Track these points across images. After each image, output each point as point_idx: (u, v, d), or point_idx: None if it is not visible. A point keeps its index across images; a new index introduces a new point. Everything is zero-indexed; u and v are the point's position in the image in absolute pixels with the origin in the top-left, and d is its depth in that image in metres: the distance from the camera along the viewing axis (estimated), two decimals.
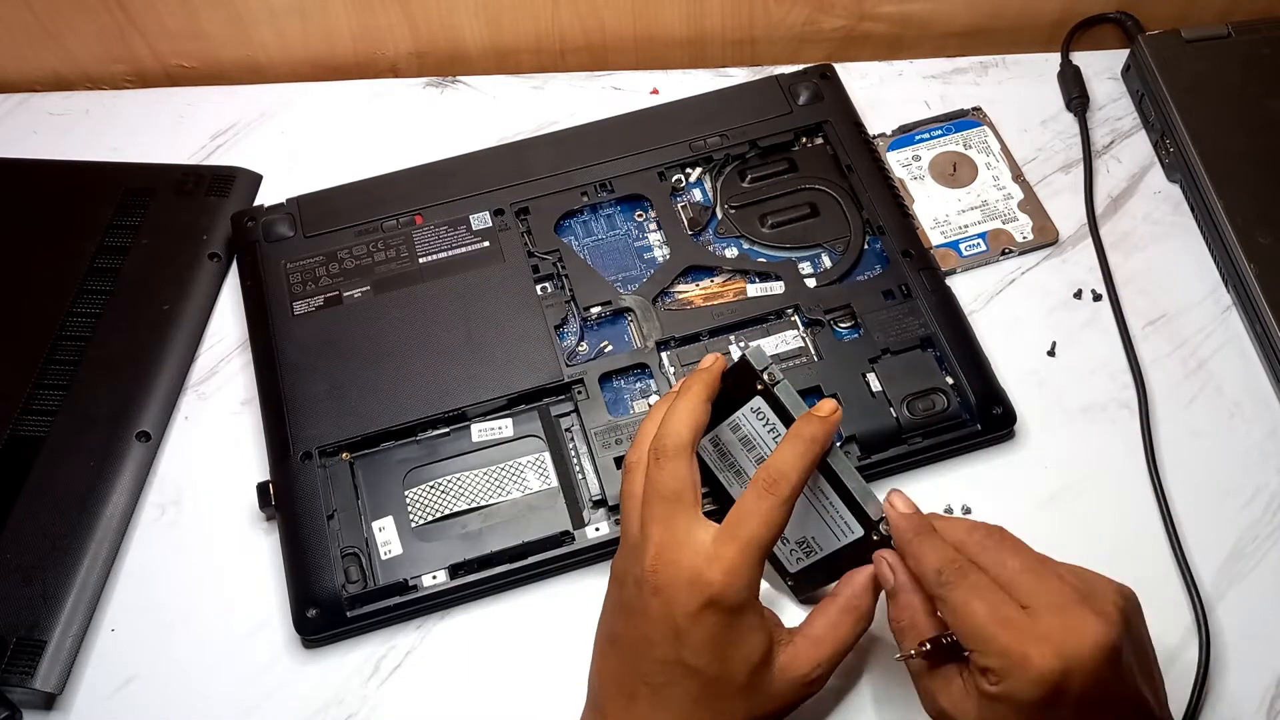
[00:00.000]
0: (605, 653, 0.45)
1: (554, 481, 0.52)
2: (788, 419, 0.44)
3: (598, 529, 0.51)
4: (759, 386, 0.45)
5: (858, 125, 0.63)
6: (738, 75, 0.69)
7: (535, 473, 0.53)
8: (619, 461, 0.52)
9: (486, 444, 0.54)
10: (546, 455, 0.53)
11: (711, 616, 0.41)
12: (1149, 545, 0.52)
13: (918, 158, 0.64)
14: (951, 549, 0.41)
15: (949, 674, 0.41)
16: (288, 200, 0.62)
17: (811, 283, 0.58)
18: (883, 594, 0.44)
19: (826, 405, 0.44)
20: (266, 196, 0.65)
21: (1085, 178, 0.63)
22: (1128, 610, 0.39)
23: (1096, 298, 0.59)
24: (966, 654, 0.40)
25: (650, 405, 0.54)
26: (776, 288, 0.58)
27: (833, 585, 0.46)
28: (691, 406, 0.45)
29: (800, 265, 0.59)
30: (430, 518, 0.52)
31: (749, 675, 0.42)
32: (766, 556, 0.42)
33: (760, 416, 0.45)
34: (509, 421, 0.54)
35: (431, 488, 0.52)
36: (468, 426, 0.54)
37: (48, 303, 0.60)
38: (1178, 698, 0.47)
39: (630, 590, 0.43)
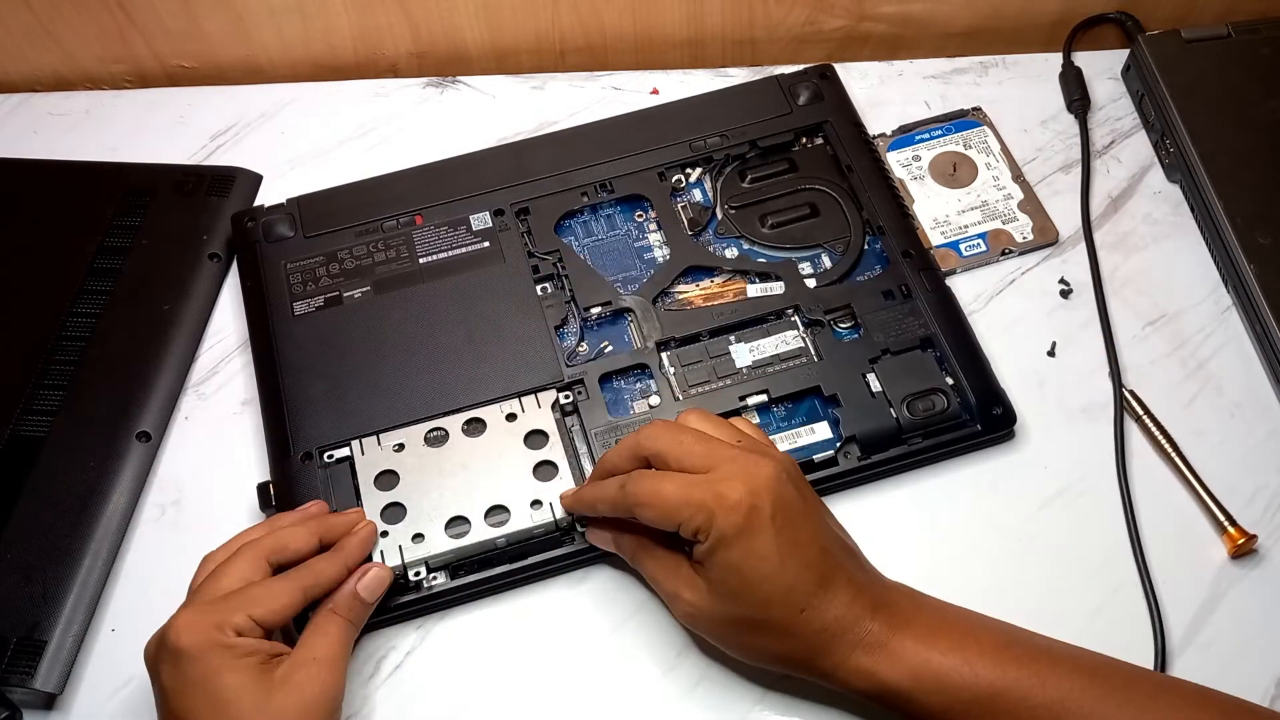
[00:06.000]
0: None
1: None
2: None
3: None
4: None
5: (858, 125, 0.63)
6: (738, 75, 0.69)
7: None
8: None
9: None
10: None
11: (186, 660, 0.43)
12: (1149, 545, 0.52)
13: (918, 158, 0.64)
14: (614, 481, 0.46)
15: (677, 563, 0.46)
16: (288, 200, 0.63)
17: (811, 283, 0.58)
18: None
19: (355, 518, 0.50)
20: (266, 196, 0.65)
21: (1083, 180, 0.63)
22: (789, 459, 0.46)
23: (1065, 294, 0.59)
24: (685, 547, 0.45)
25: (650, 406, 0.54)
26: (776, 288, 0.58)
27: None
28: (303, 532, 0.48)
29: (800, 265, 0.59)
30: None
31: (252, 709, 0.42)
32: (265, 610, 0.44)
33: None
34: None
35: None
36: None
37: (48, 303, 0.60)
38: None
39: (147, 657, 0.45)
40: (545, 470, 0.52)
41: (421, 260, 0.59)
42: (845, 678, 0.44)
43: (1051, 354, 0.58)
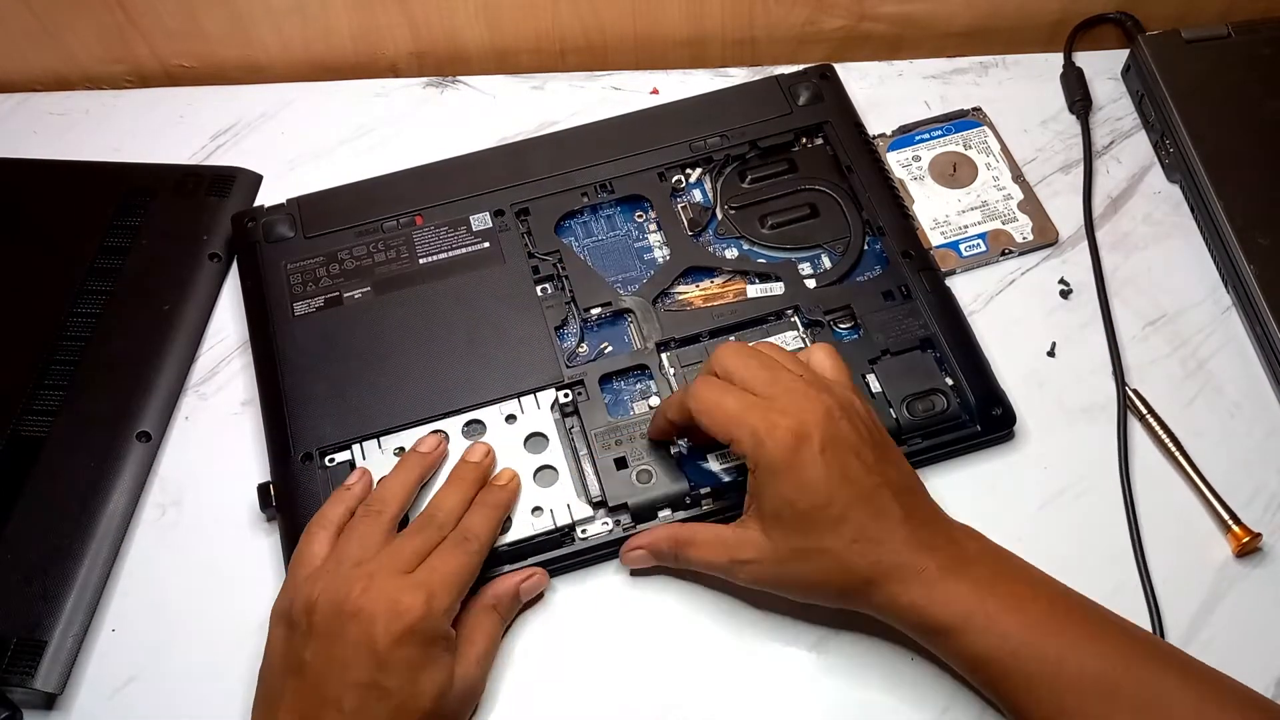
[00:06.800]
0: (280, 688, 0.44)
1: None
2: None
3: (598, 529, 0.51)
4: None
5: (858, 125, 0.63)
6: (738, 75, 0.69)
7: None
8: (619, 462, 0.52)
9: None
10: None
11: (409, 642, 0.43)
12: (1152, 544, 0.52)
13: (918, 158, 0.64)
14: (680, 390, 0.49)
15: (720, 535, 0.48)
16: (288, 200, 0.63)
17: (811, 283, 0.58)
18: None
19: (505, 474, 0.51)
20: (266, 197, 0.65)
21: (1085, 180, 0.63)
22: (852, 393, 0.47)
23: (1065, 294, 0.59)
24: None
25: (651, 407, 0.54)
26: (776, 289, 0.58)
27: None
28: (405, 480, 0.50)
29: (800, 266, 0.59)
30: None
31: (436, 699, 0.44)
32: (461, 595, 0.46)
33: None
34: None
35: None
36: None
37: (48, 303, 0.60)
38: None
39: (320, 616, 0.44)
40: (545, 475, 0.52)
41: (421, 261, 0.59)
42: (896, 612, 0.45)
43: (1051, 354, 0.58)
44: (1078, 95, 0.66)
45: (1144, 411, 0.55)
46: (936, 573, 0.44)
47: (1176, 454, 0.53)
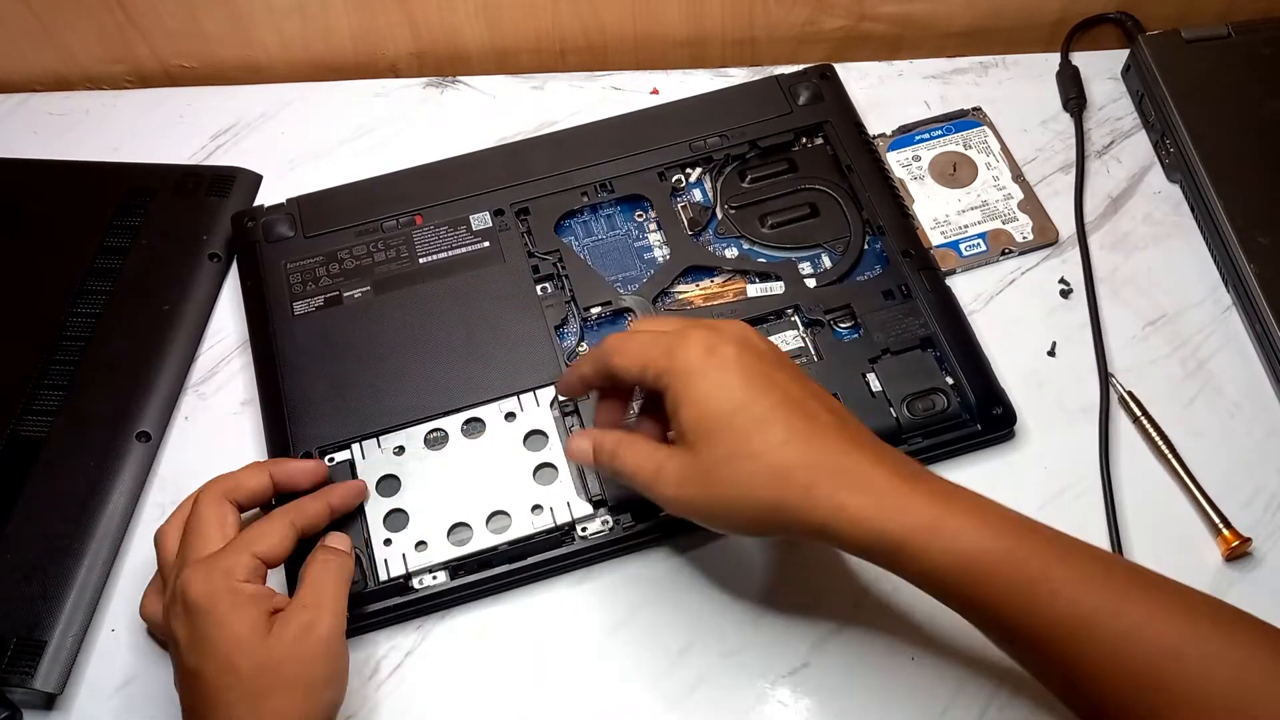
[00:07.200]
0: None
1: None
2: None
3: (598, 528, 0.51)
4: None
5: (858, 125, 0.63)
6: (738, 75, 0.69)
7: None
8: None
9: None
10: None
11: (197, 609, 0.43)
12: (1143, 546, 0.52)
13: (918, 158, 0.64)
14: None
15: (654, 447, 0.45)
16: (288, 200, 0.62)
17: (811, 283, 0.58)
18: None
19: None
20: (266, 197, 0.65)
21: (1076, 179, 0.63)
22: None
23: (1065, 294, 0.59)
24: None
25: None
26: (776, 288, 0.58)
27: None
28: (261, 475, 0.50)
29: (800, 265, 0.59)
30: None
31: (249, 632, 0.43)
32: (248, 545, 0.45)
33: None
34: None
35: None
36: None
37: (48, 303, 0.60)
38: None
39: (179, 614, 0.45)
40: (545, 474, 0.52)
41: (421, 260, 0.59)
42: (841, 525, 0.40)
43: (1051, 354, 0.58)
44: (1072, 94, 0.66)
45: (1138, 413, 0.55)
46: (885, 479, 0.40)
47: (1169, 456, 0.53)
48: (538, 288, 0.58)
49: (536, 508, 0.51)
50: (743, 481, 0.41)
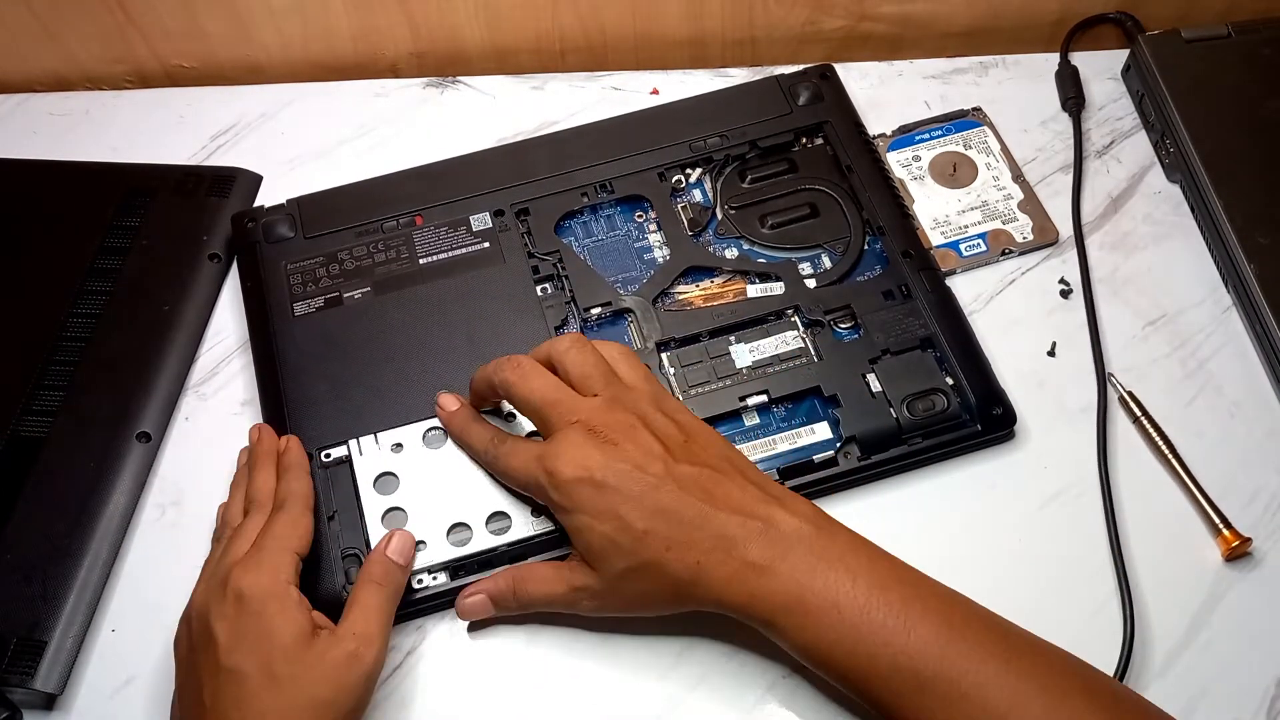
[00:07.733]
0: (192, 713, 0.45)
1: None
2: None
3: None
4: None
5: (858, 125, 0.63)
6: (738, 75, 0.69)
7: None
8: None
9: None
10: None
11: (246, 610, 0.44)
12: (1143, 547, 0.52)
13: (918, 158, 0.64)
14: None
15: (556, 569, 0.48)
16: (288, 201, 0.63)
17: (811, 283, 0.58)
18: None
19: (283, 440, 0.53)
20: (266, 197, 0.65)
21: (1075, 179, 0.63)
22: (646, 400, 0.49)
23: (1065, 294, 0.59)
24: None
25: None
26: (776, 288, 0.58)
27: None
28: (268, 475, 0.52)
29: (800, 266, 0.59)
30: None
31: (293, 640, 0.43)
32: (296, 550, 0.47)
33: None
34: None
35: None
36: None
37: (48, 303, 0.60)
38: (1180, 697, 0.47)
39: (197, 624, 0.46)
40: None
41: (421, 261, 0.59)
42: (729, 610, 0.45)
43: (1051, 354, 0.58)
44: (1071, 94, 0.66)
45: (1138, 413, 0.55)
46: (750, 567, 0.44)
47: (1169, 456, 0.53)
48: (538, 288, 0.58)
49: (537, 510, 0.51)
50: (646, 587, 0.46)
